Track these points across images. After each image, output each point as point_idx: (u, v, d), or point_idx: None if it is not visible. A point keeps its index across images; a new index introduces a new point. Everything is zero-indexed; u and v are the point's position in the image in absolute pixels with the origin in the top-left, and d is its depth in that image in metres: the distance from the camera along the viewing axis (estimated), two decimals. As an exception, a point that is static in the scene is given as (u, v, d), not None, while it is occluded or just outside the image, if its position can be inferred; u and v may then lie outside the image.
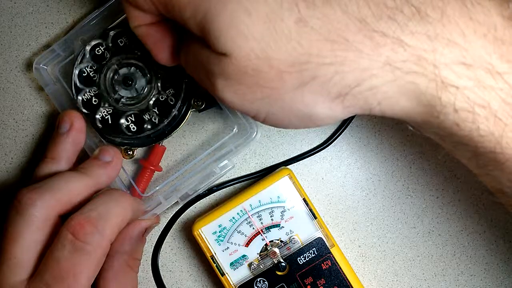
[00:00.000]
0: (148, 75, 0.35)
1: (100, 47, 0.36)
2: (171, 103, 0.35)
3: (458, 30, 0.22)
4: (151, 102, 0.35)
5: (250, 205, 0.37)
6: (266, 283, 0.36)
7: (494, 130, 0.23)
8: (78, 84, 0.36)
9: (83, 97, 0.36)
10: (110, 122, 0.36)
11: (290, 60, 0.23)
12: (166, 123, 0.35)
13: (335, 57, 0.23)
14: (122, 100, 0.35)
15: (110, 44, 0.36)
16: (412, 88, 0.23)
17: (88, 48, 0.36)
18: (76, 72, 0.36)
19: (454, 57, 0.22)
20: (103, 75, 0.36)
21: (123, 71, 0.35)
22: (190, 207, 0.38)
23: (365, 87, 0.23)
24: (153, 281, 0.37)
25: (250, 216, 0.37)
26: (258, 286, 0.36)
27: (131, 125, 0.36)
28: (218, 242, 0.37)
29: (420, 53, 0.22)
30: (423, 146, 0.38)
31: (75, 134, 0.35)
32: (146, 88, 0.35)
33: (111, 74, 0.36)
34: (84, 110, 0.36)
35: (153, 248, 0.38)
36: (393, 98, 0.24)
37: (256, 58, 0.24)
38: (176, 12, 0.25)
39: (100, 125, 0.36)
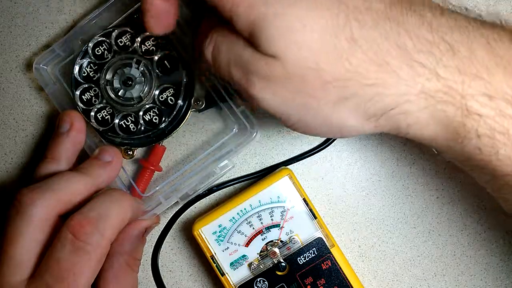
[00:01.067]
0: (148, 75, 0.35)
1: (100, 46, 0.36)
2: (171, 103, 0.35)
3: (483, 65, 0.25)
4: (151, 102, 0.35)
5: (250, 205, 0.37)
6: (266, 283, 0.36)
7: (511, 154, 0.25)
8: (78, 79, 0.36)
9: (83, 97, 0.36)
10: (109, 122, 0.36)
11: (336, 75, 0.25)
12: (166, 123, 0.35)
13: (377, 79, 0.25)
14: (121, 100, 0.35)
15: (113, 42, 0.36)
16: (442, 116, 0.25)
17: (91, 44, 0.36)
18: (77, 68, 0.36)
19: (479, 88, 0.25)
20: (103, 75, 0.36)
21: (123, 71, 0.35)
22: (190, 207, 0.38)
23: (399, 110, 0.25)
24: (153, 281, 0.38)
25: (250, 216, 0.37)
26: (258, 286, 0.36)
27: (131, 125, 0.36)
28: (218, 242, 0.37)
29: (451, 84, 0.25)
30: (423, 147, 0.38)
31: (75, 134, 0.35)
32: (146, 88, 0.35)
33: (111, 74, 0.36)
34: (82, 106, 0.36)
35: (153, 248, 0.38)
36: (423, 124, 0.26)
37: (307, 67, 0.25)
38: (227, 4, 0.25)
39: (99, 125, 0.36)
